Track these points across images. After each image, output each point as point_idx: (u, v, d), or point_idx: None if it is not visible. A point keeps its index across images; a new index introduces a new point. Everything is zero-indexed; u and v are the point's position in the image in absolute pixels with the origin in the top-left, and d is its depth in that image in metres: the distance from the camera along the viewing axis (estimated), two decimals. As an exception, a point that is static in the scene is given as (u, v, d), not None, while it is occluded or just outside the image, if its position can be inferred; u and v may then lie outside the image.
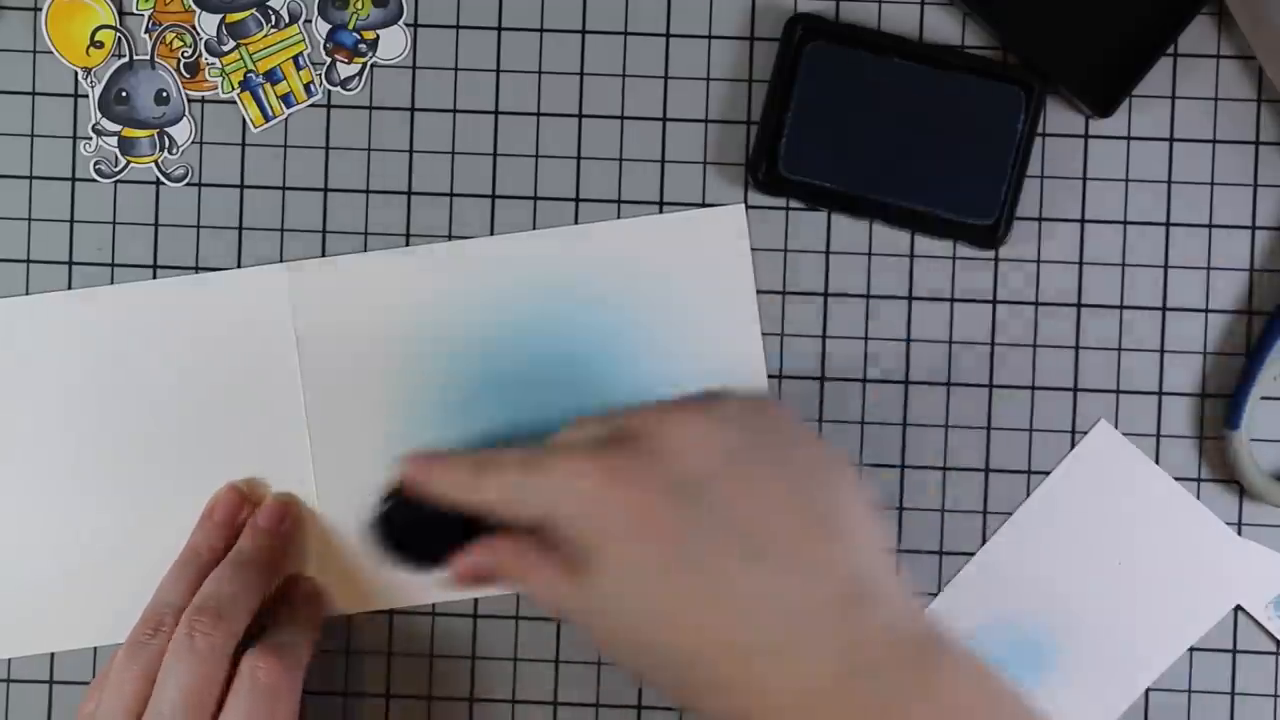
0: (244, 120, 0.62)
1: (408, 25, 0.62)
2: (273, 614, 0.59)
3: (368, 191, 0.62)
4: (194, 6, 0.62)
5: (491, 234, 0.62)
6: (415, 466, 0.55)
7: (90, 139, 0.62)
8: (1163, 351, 0.62)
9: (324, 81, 0.62)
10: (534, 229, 0.62)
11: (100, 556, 0.62)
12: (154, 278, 0.62)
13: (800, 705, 0.50)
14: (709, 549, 0.50)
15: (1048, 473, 0.62)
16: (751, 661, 0.50)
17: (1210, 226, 0.62)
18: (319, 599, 0.61)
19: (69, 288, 0.62)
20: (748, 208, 0.62)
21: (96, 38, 0.62)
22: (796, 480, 0.52)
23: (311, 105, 0.62)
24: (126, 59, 0.62)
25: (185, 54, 0.62)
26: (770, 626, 0.50)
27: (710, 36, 0.62)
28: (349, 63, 0.62)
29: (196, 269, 0.62)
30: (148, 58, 0.62)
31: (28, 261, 0.62)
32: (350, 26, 0.62)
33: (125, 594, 0.60)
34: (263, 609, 0.59)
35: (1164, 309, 0.62)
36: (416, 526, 0.56)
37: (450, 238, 0.62)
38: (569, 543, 0.51)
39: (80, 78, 0.62)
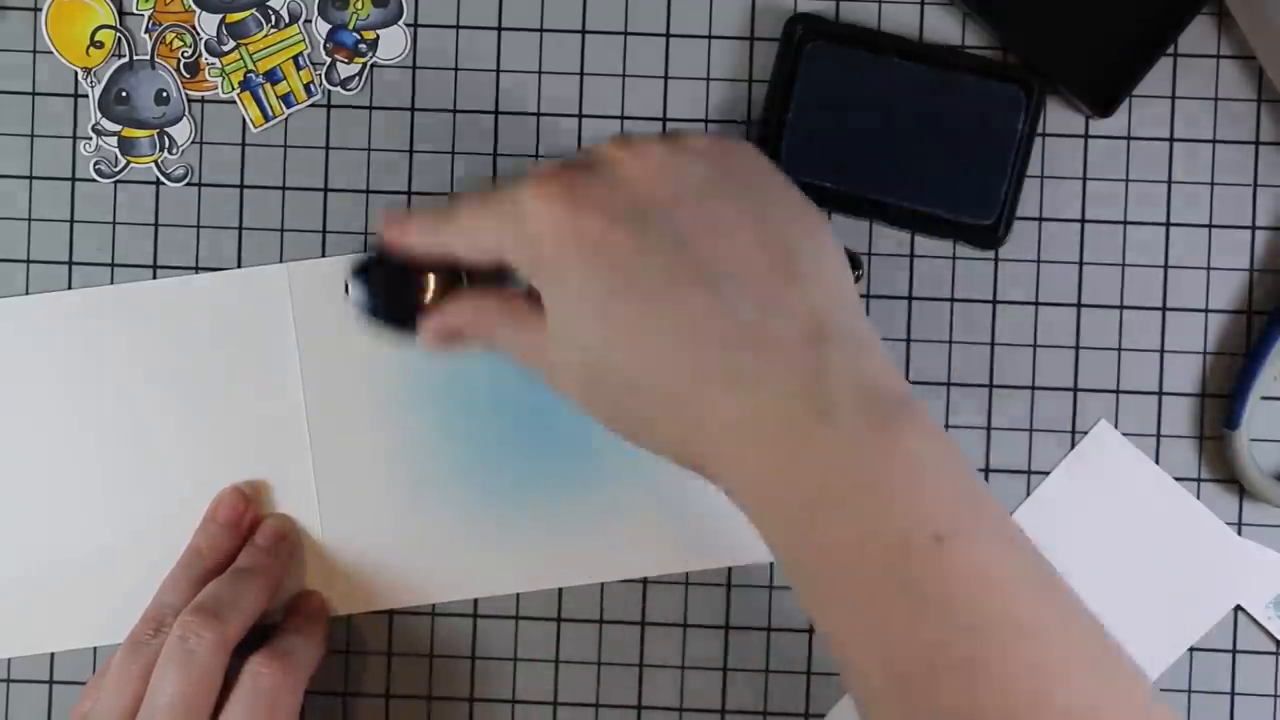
0: (244, 120, 0.62)
1: (408, 25, 0.62)
2: (280, 625, 0.59)
3: (368, 191, 0.62)
4: (194, 6, 0.62)
5: (491, 234, 0.62)
6: (390, 223, 0.55)
7: (90, 139, 0.62)
8: (1163, 351, 0.62)
9: (324, 81, 0.62)
10: (534, 229, 0.62)
11: (100, 556, 0.62)
12: (154, 278, 0.62)
13: (743, 438, 0.48)
14: (663, 275, 0.49)
15: (1048, 473, 0.62)
16: (699, 387, 0.48)
17: (1210, 226, 0.62)
18: (323, 615, 0.61)
19: (69, 288, 0.62)
20: (748, 208, 0.62)
21: (96, 38, 0.62)
22: (762, 219, 0.50)
23: (311, 105, 0.62)
24: (126, 59, 0.62)
25: (185, 54, 0.62)
26: (720, 353, 0.48)
27: (710, 36, 0.62)
28: (349, 63, 0.62)
29: (196, 269, 0.62)
30: (148, 58, 0.62)
31: (28, 261, 0.62)
32: (350, 26, 0.62)
33: (125, 594, 0.60)
34: (269, 622, 0.59)
35: (1164, 309, 0.62)
36: (392, 287, 0.56)
37: (450, 238, 0.62)
38: (530, 279, 0.51)
39: (80, 78, 0.62)
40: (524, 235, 0.51)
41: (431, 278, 0.56)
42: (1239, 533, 0.62)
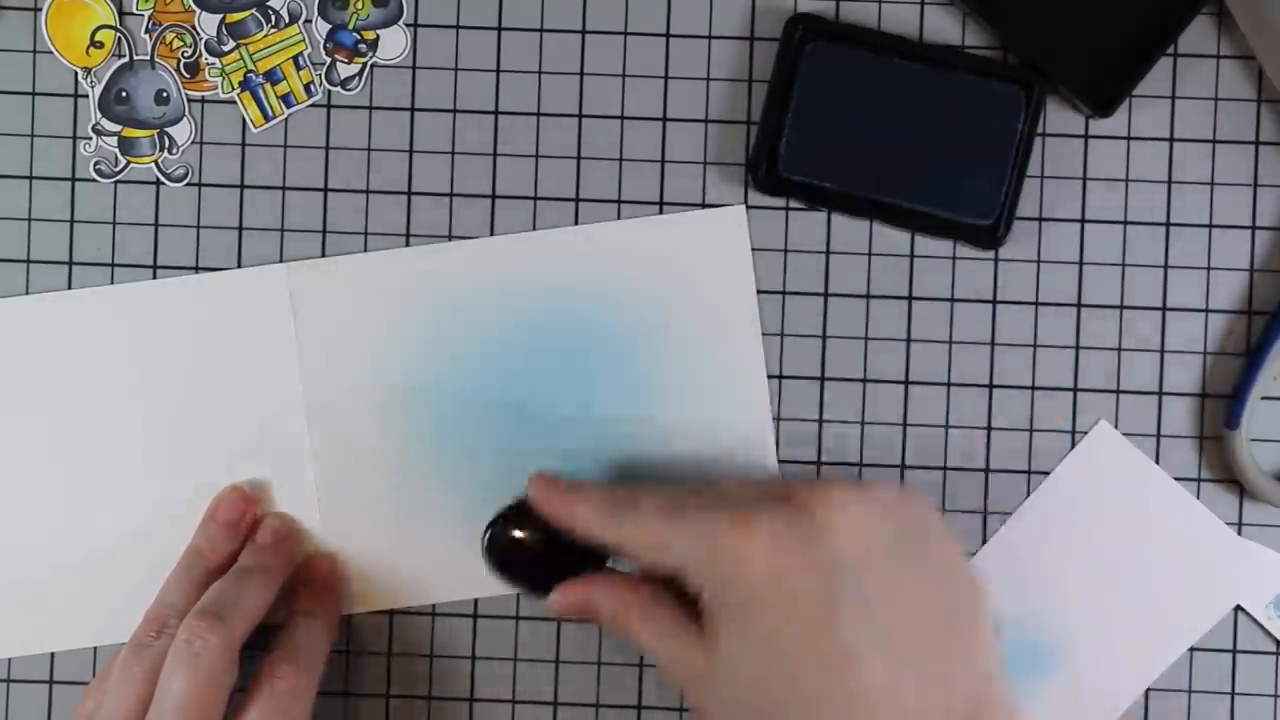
0: (244, 120, 0.62)
1: (408, 25, 0.62)
2: (291, 601, 0.60)
3: (368, 191, 0.62)
4: (194, 6, 0.62)
5: (491, 234, 0.62)
6: (545, 492, 0.56)
7: (90, 139, 0.62)
8: (1163, 351, 0.62)
9: (324, 81, 0.62)
10: (534, 229, 0.62)
11: (100, 556, 0.62)
12: (154, 278, 0.62)
13: None
14: (849, 639, 0.50)
15: (1048, 473, 0.62)
16: None
17: (1210, 226, 0.62)
18: (336, 586, 0.61)
19: (69, 288, 0.62)
20: (748, 208, 0.62)
21: (96, 38, 0.62)
22: (936, 587, 0.51)
23: (311, 105, 0.62)
24: (126, 59, 0.62)
25: (185, 54, 0.62)
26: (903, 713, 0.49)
27: (710, 36, 0.62)
28: (349, 63, 0.62)
29: (196, 269, 0.62)
30: (148, 58, 0.62)
31: (28, 261, 0.62)
32: (350, 26, 0.62)
33: (125, 594, 0.60)
34: (282, 592, 0.59)
35: (1164, 309, 0.62)
36: (524, 547, 0.57)
37: (450, 238, 0.62)
38: (706, 600, 0.51)
39: (80, 78, 0.62)
40: (716, 568, 0.51)
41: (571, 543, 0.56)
42: (1239, 533, 0.62)
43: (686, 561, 0.52)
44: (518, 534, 0.57)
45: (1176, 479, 0.62)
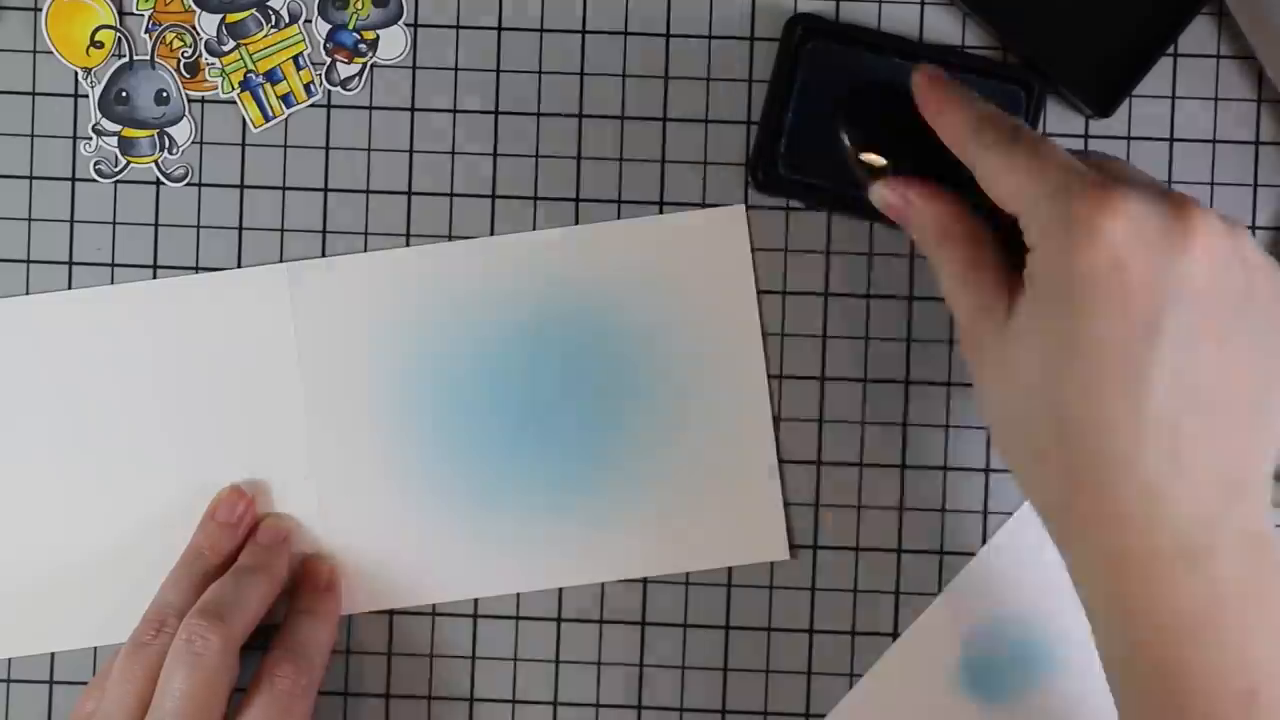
0: (244, 120, 0.62)
1: (408, 25, 0.62)
2: (291, 601, 0.60)
3: (368, 191, 0.62)
4: (194, 6, 0.62)
5: (491, 234, 0.62)
6: (929, 84, 0.53)
7: (90, 139, 0.62)
8: (1163, 351, 0.62)
9: (324, 81, 0.62)
10: (534, 229, 0.62)
11: (100, 556, 0.62)
12: (154, 278, 0.62)
13: (1121, 541, 0.47)
14: (1159, 363, 0.46)
15: (1048, 473, 0.62)
16: (1116, 475, 0.46)
17: (1210, 226, 0.62)
18: (336, 587, 0.61)
19: (69, 288, 0.62)
20: (748, 208, 0.62)
21: (96, 38, 0.62)
22: (1260, 352, 0.48)
23: (311, 105, 0.62)
24: (126, 59, 0.62)
25: (185, 54, 0.62)
26: (1156, 457, 0.46)
27: (710, 36, 0.62)
28: (349, 63, 0.62)
29: (196, 269, 0.62)
30: (148, 58, 0.62)
31: (28, 261, 0.62)
32: (350, 26, 0.62)
33: (125, 594, 0.60)
34: (282, 592, 0.59)
35: (1164, 309, 0.62)
36: (883, 118, 0.55)
37: (450, 238, 0.62)
38: (1036, 263, 0.48)
39: (80, 78, 0.62)
40: (1060, 231, 0.47)
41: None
42: (1239, 533, 0.62)
43: (1033, 212, 0.48)
44: (876, 108, 0.56)
45: (1176, 479, 0.62)
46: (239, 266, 0.62)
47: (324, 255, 0.62)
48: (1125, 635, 0.49)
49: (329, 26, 0.62)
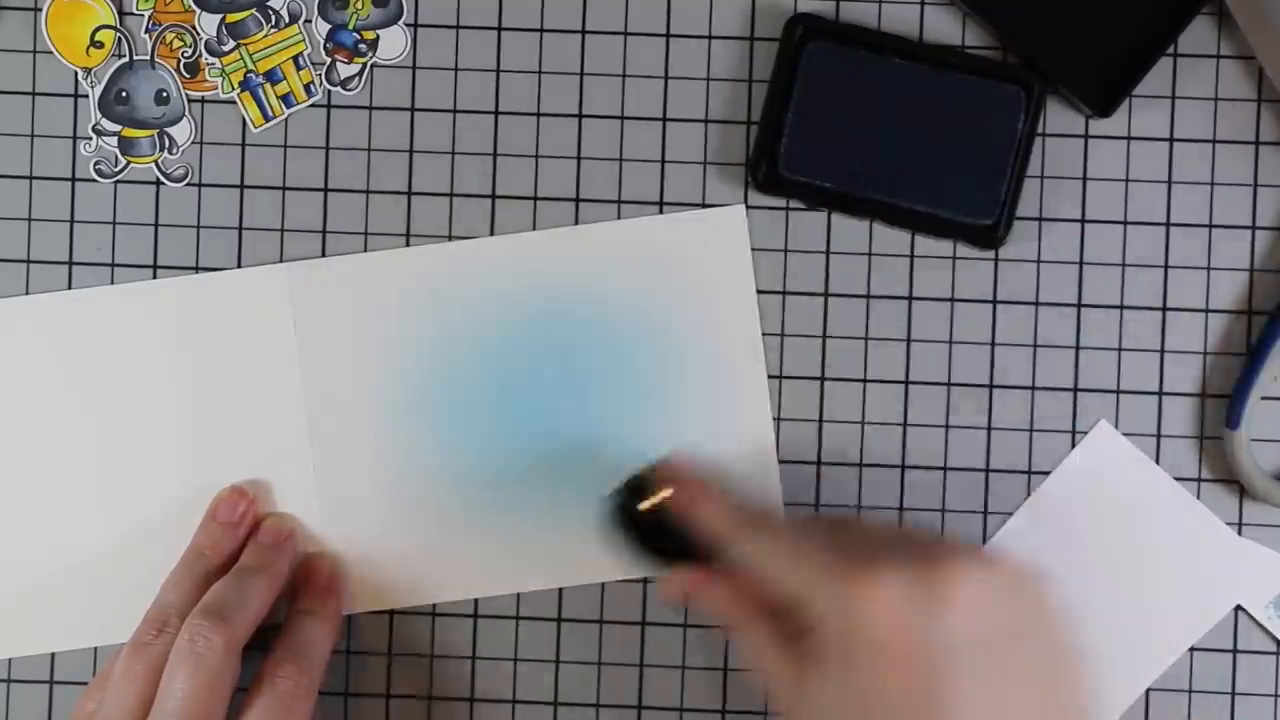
0: (244, 120, 0.62)
1: (408, 25, 0.62)
2: (292, 601, 0.60)
3: (368, 191, 0.62)
4: (194, 6, 0.62)
5: (491, 234, 0.62)
6: (680, 486, 0.57)
7: (90, 139, 0.62)
8: (1163, 351, 0.62)
9: (324, 81, 0.62)
10: (534, 229, 0.62)
11: (100, 556, 0.62)
12: (154, 278, 0.62)
13: None
14: (946, 711, 0.49)
15: (1048, 473, 0.62)
16: None
17: (1210, 226, 0.62)
18: (337, 585, 0.61)
19: (69, 288, 0.62)
20: (748, 208, 0.62)
21: (96, 38, 0.62)
22: (1045, 679, 0.51)
23: (311, 105, 0.62)
24: (126, 59, 0.62)
25: (185, 54, 0.62)
26: None
27: (710, 36, 0.62)
28: (349, 63, 0.62)
29: (196, 269, 0.62)
30: (148, 58, 0.62)
31: (28, 261, 0.62)
32: (350, 26, 0.62)
33: (125, 594, 0.60)
34: (283, 592, 0.59)
35: (1164, 309, 0.62)
36: (648, 525, 0.57)
37: (450, 238, 0.62)
38: (816, 636, 0.51)
39: (80, 78, 0.62)
40: (839, 610, 0.51)
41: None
42: (1239, 533, 0.62)
43: (810, 595, 0.52)
44: (642, 506, 0.58)
45: (1176, 479, 0.62)
46: (239, 266, 0.62)
47: (324, 255, 0.62)
48: None
49: (329, 26, 0.62)
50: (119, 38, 0.62)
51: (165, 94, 0.62)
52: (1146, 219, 0.62)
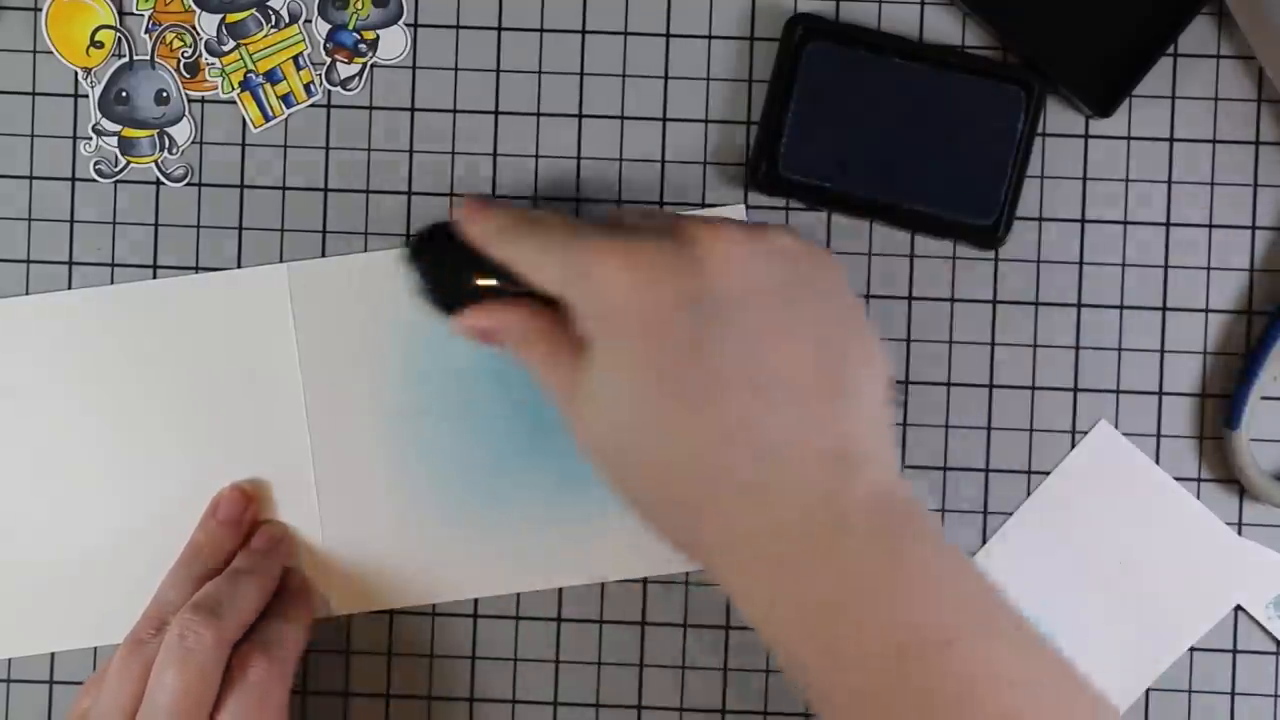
0: (244, 120, 0.62)
1: (408, 25, 0.62)
2: (268, 608, 0.60)
3: (368, 191, 0.62)
4: (194, 6, 0.62)
5: (491, 234, 0.62)
6: (469, 207, 0.55)
7: (90, 139, 0.62)
8: (1163, 351, 0.62)
9: (324, 81, 0.62)
10: (534, 229, 0.62)
11: (100, 556, 0.62)
12: (154, 278, 0.62)
13: (755, 549, 0.49)
14: (716, 374, 0.49)
15: (1048, 473, 0.62)
16: (719, 492, 0.49)
17: (1210, 226, 0.62)
18: (307, 592, 0.61)
19: (69, 288, 0.62)
20: (748, 208, 0.62)
21: (96, 38, 0.62)
22: (823, 332, 0.50)
23: (311, 105, 0.62)
24: (126, 59, 0.62)
25: (185, 54, 0.62)
26: (748, 460, 0.48)
27: (710, 36, 0.62)
28: (349, 63, 0.62)
29: (196, 269, 0.62)
30: (148, 58, 0.62)
31: (28, 261, 0.62)
32: (350, 26, 0.62)
33: (125, 593, 0.60)
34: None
35: (1164, 309, 0.62)
36: (450, 264, 0.55)
37: (450, 238, 0.62)
38: (580, 325, 0.50)
39: (80, 78, 0.62)
40: (587, 293, 0.50)
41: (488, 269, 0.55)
42: (1239, 533, 0.62)
43: (563, 284, 0.51)
44: (440, 250, 0.56)
45: (1176, 479, 0.62)
46: (239, 266, 0.62)
47: (324, 255, 0.62)
48: (787, 624, 0.49)
49: (329, 26, 0.62)
50: (119, 38, 0.62)
51: (165, 94, 0.62)
52: (1146, 219, 0.62)
